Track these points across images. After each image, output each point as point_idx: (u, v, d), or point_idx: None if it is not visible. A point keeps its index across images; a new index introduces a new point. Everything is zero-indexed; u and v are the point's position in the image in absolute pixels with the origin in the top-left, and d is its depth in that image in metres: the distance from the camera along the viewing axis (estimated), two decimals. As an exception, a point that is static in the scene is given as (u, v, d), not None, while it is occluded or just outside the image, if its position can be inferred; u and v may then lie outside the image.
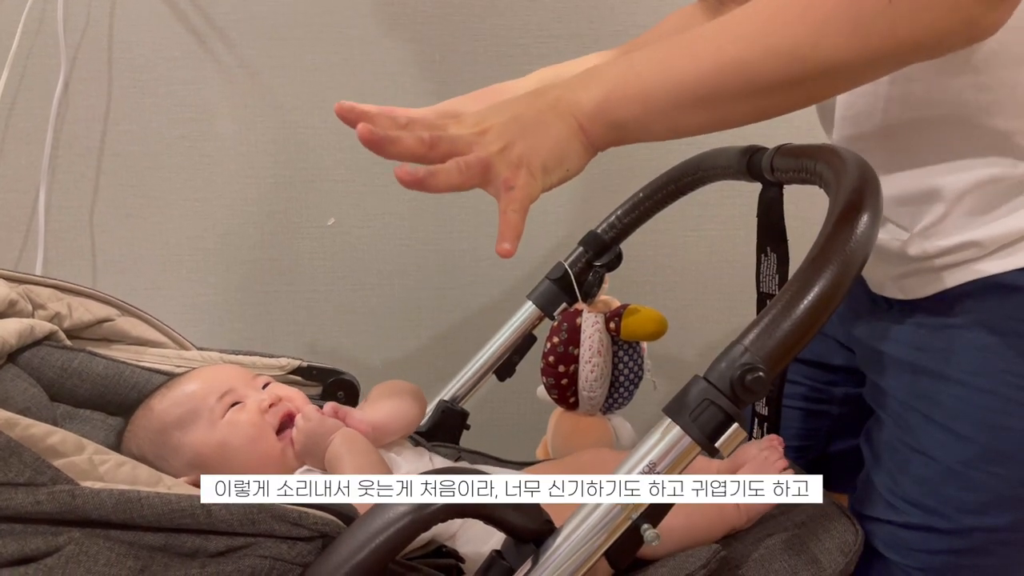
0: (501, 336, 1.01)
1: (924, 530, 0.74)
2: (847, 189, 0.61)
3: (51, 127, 1.30)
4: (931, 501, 0.73)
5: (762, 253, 0.82)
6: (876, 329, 0.80)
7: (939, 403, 0.73)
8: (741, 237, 1.29)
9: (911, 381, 0.76)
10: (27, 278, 0.86)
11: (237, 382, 0.80)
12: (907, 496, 0.75)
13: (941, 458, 0.73)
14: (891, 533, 0.76)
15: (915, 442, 0.75)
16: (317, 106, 1.32)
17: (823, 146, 0.72)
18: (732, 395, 0.56)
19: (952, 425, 0.72)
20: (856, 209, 0.59)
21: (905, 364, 0.76)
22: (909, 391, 0.76)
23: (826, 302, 0.57)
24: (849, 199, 0.60)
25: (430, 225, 1.36)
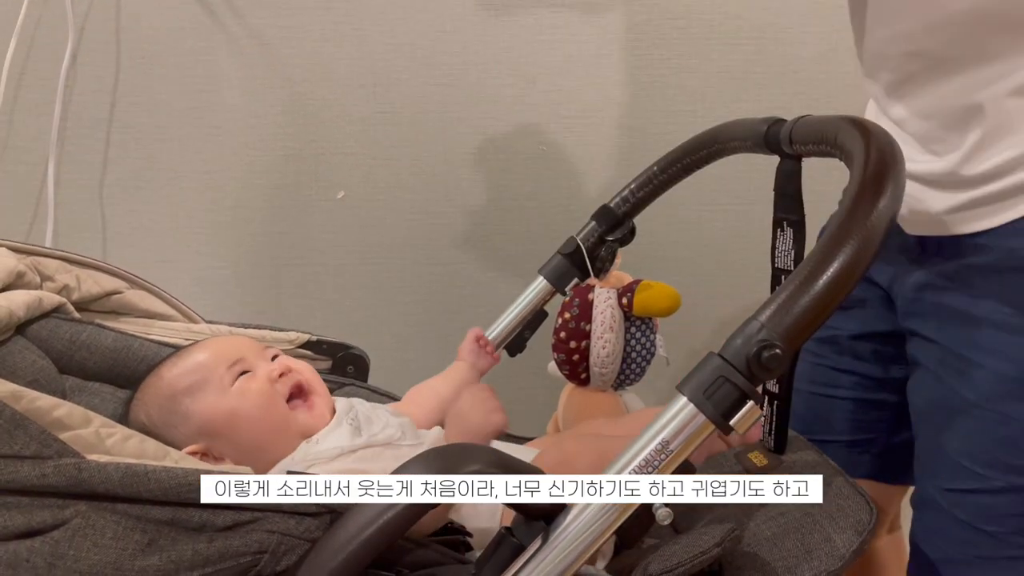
0: (512, 311, 1.00)
1: (1013, 492, 0.71)
2: (869, 162, 0.59)
3: (59, 99, 1.30)
4: (1017, 460, 0.70)
5: (778, 228, 0.80)
6: (920, 276, 0.76)
7: (1005, 354, 0.70)
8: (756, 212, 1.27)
9: (965, 331, 0.72)
10: (35, 250, 0.85)
11: (248, 352, 0.80)
12: (987, 459, 0.71)
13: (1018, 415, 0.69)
14: (979, 502, 0.73)
15: (986, 401, 0.71)
16: (326, 78, 1.30)
17: (844, 117, 0.69)
18: (748, 372, 0.55)
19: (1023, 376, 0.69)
20: (878, 182, 0.58)
21: (956, 312, 0.73)
22: (964, 342, 0.72)
23: (846, 278, 0.55)
24: (871, 172, 0.58)
25: (440, 199, 1.34)
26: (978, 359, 0.72)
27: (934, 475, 0.77)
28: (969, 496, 0.74)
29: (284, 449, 0.75)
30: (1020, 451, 0.70)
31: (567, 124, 1.32)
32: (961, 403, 0.74)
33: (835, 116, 0.71)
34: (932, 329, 0.76)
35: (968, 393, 0.73)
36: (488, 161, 1.32)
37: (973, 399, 0.72)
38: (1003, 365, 0.70)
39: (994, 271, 0.71)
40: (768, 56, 1.27)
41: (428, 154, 1.33)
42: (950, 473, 0.75)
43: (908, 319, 0.80)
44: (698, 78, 1.29)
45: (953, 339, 0.74)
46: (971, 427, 0.73)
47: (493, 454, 0.60)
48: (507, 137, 1.32)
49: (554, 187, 1.33)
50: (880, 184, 0.58)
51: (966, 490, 0.74)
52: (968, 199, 0.71)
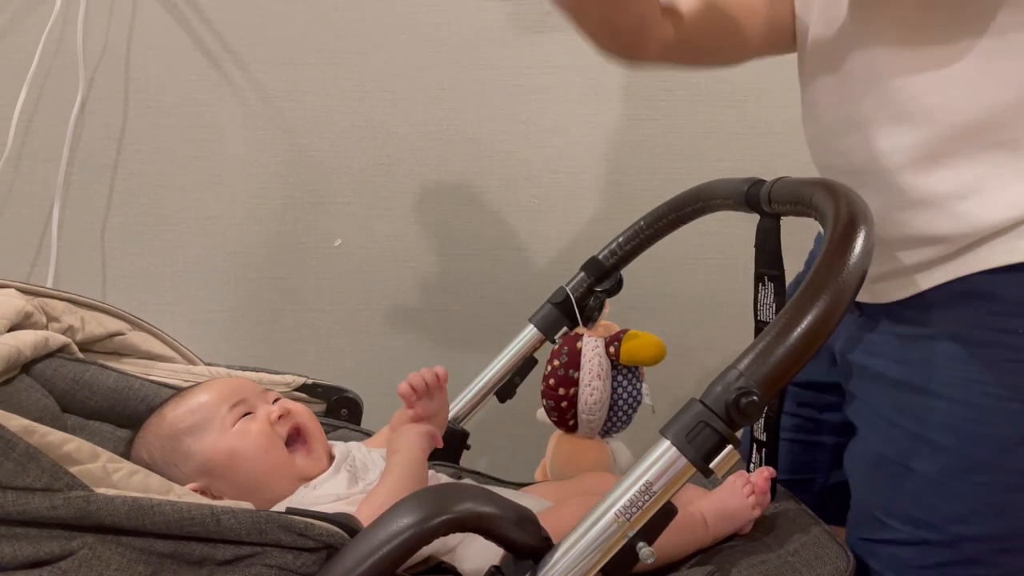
0: (503, 358, 1.03)
1: (917, 544, 0.75)
2: (840, 221, 0.64)
3: (67, 146, 1.33)
4: (919, 514, 0.74)
5: (759, 282, 0.84)
6: (854, 339, 0.82)
7: (917, 415, 0.74)
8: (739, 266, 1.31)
9: (889, 394, 0.77)
10: (42, 291, 0.88)
11: (249, 393, 0.82)
12: (896, 512, 0.76)
13: (923, 470, 0.74)
14: (886, 552, 0.77)
15: (898, 456, 0.76)
16: (326, 130, 1.35)
17: (819, 180, 0.74)
18: (727, 418, 0.58)
19: (931, 436, 0.73)
20: (849, 239, 0.62)
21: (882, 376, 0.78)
22: (888, 404, 0.77)
23: (819, 329, 0.59)
24: (841, 231, 0.62)
25: (434, 249, 1.38)
26: (892, 418, 0.77)
27: (855, 525, 0.81)
28: (879, 546, 0.78)
29: (282, 490, 0.77)
30: (923, 505, 0.74)
31: (558, 179, 1.36)
32: (876, 457, 0.78)
33: (811, 179, 0.75)
34: (861, 390, 0.81)
35: (886, 451, 0.77)
36: (481, 213, 1.36)
37: (891, 456, 0.77)
38: (912, 424, 0.75)
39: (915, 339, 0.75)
40: (751, 118, 1.33)
41: (423, 205, 1.36)
42: (865, 523, 0.79)
43: (842, 376, 0.85)
44: (684, 138, 1.34)
45: (874, 399, 0.79)
46: (883, 480, 0.78)
47: (484, 493, 0.62)
48: (500, 190, 1.36)
49: (545, 239, 1.37)
50: (850, 242, 0.62)
51: (877, 540, 0.78)
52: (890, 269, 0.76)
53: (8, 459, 0.54)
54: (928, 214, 0.71)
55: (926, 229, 0.71)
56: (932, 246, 0.72)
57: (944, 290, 0.72)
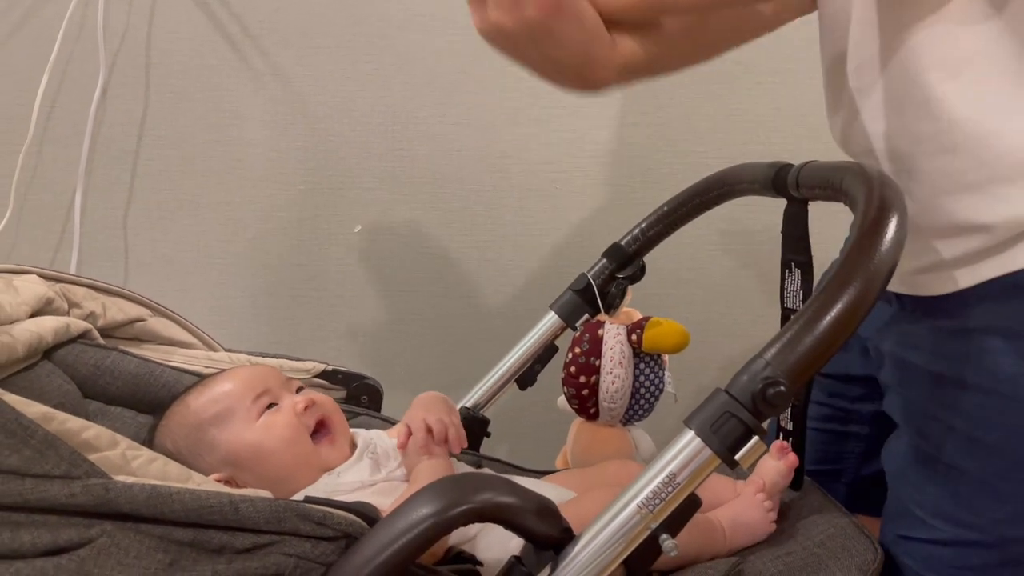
0: (523, 345, 1.02)
1: (959, 545, 0.72)
2: (872, 206, 0.62)
3: (89, 131, 1.34)
4: (963, 515, 0.72)
5: (786, 269, 0.82)
6: (893, 332, 0.79)
7: (962, 412, 0.72)
8: (765, 252, 1.29)
9: (930, 389, 0.74)
10: (64, 277, 0.88)
11: (273, 383, 0.81)
12: (938, 511, 0.74)
13: (968, 469, 0.71)
14: (925, 551, 0.75)
15: (940, 453, 0.73)
16: (347, 115, 1.34)
17: (849, 163, 0.72)
18: (753, 408, 0.57)
19: (978, 434, 0.71)
20: (880, 225, 0.60)
21: (922, 371, 0.75)
22: (929, 400, 0.75)
23: (849, 318, 0.57)
24: (873, 217, 0.60)
25: (455, 234, 1.37)
26: (934, 413, 0.74)
27: (892, 520, 0.79)
28: (918, 544, 0.76)
29: (306, 481, 0.77)
30: (968, 505, 0.72)
31: (580, 164, 1.34)
32: (917, 453, 0.76)
33: (841, 162, 0.73)
34: (900, 384, 0.79)
35: (928, 448, 0.75)
36: (503, 198, 1.35)
37: (933, 454, 0.74)
38: (956, 421, 0.72)
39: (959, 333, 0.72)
40: (777, 101, 1.30)
41: (444, 190, 1.36)
42: (903, 520, 0.77)
43: (881, 372, 0.82)
44: (708, 121, 1.32)
45: (919, 396, 0.76)
46: (924, 477, 0.75)
47: (504, 483, 0.61)
48: (522, 175, 1.35)
49: (566, 224, 1.35)
50: (882, 229, 0.60)
51: (916, 538, 0.76)
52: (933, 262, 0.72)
53: (27, 446, 0.54)
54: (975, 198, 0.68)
55: (973, 217, 0.68)
56: (979, 234, 0.68)
57: (992, 284, 0.69)
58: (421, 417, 0.80)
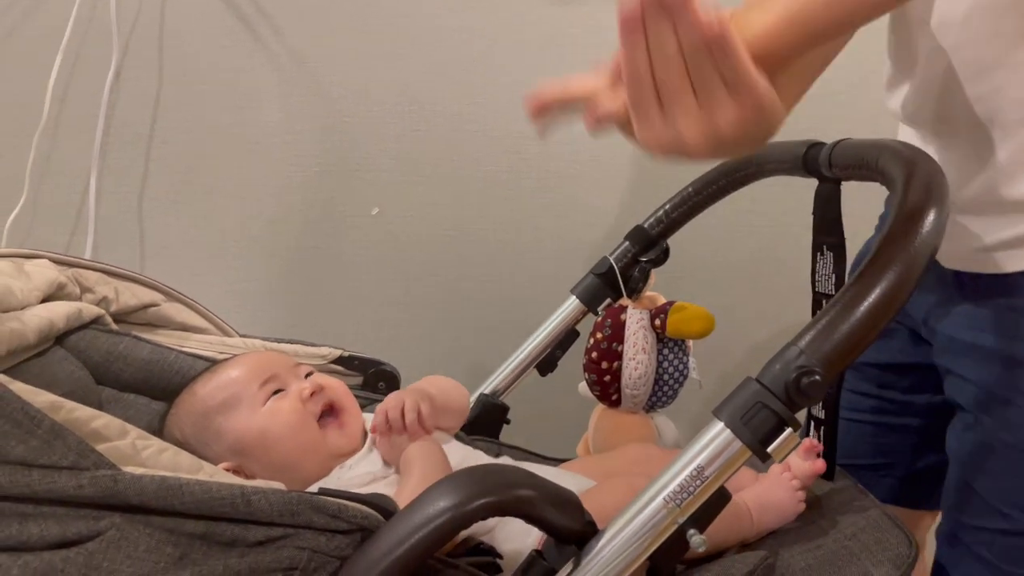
0: (544, 330, 1.00)
1: None
2: (912, 188, 0.59)
3: (102, 115, 1.32)
4: None
5: (818, 252, 0.80)
6: (957, 314, 0.74)
7: None
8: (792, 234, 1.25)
9: (1004, 372, 0.70)
10: (76, 261, 0.87)
11: (280, 369, 0.80)
12: (1019, 501, 0.70)
13: None
14: (1005, 542, 0.71)
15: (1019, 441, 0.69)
16: (363, 96, 1.31)
17: (886, 142, 0.69)
18: (786, 399, 0.54)
19: None
20: (920, 209, 0.57)
21: (994, 353, 0.71)
22: (1003, 383, 0.70)
23: (888, 303, 0.54)
24: (914, 198, 0.58)
25: (474, 217, 1.35)
26: (1010, 398, 0.70)
27: (960, 510, 0.76)
28: (994, 535, 0.72)
29: (315, 468, 0.75)
30: None
31: (601, 144, 1.31)
32: (996, 443, 0.72)
33: (877, 140, 0.70)
34: (968, 369, 0.74)
35: (1005, 434, 0.71)
36: (522, 180, 1.32)
37: (1010, 441, 0.71)
38: None
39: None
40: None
41: (462, 172, 1.33)
42: (977, 510, 0.74)
43: (943, 356, 0.78)
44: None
45: (991, 380, 0.72)
46: (1005, 468, 0.71)
47: (525, 475, 0.59)
48: (541, 157, 1.32)
49: (588, 206, 1.33)
50: (923, 210, 0.57)
51: (991, 529, 0.72)
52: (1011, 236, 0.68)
53: (33, 436, 0.52)
54: None
55: None
56: None
57: None
58: (381, 409, 0.78)
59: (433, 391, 0.82)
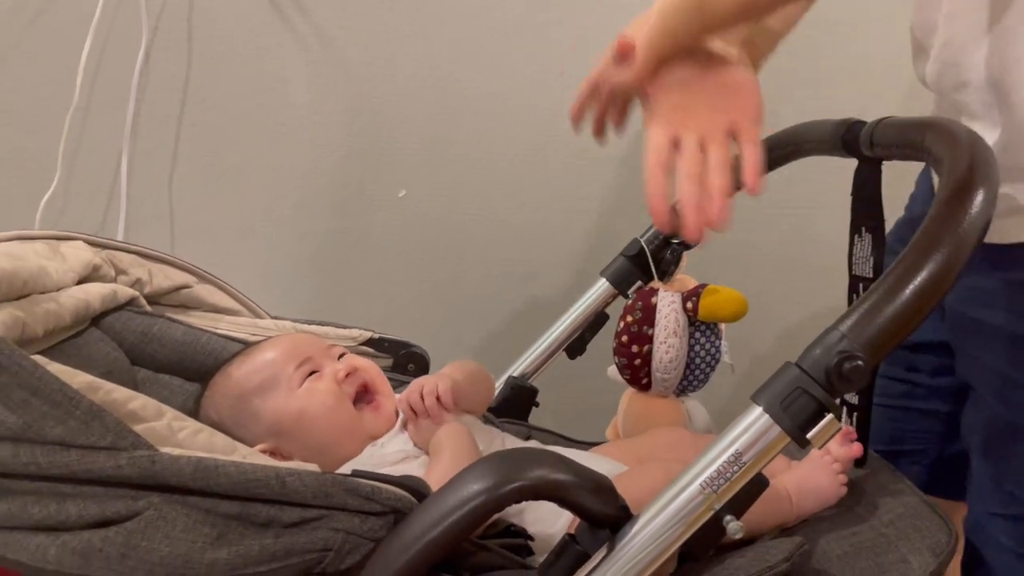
0: (573, 313, 1.00)
1: None
2: (960, 166, 0.57)
3: (132, 96, 1.33)
4: None
5: (856, 234, 0.78)
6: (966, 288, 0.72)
7: None
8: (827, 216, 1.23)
9: (1013, 352, 0.69)
10: (110, 244, 0.87)
11: (315, 351, 0.80)
12: None
13: None
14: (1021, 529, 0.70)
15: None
16: (390, 76, 1.31)
17: (931, 119, 0.67)
18: (827, 384, 0.53)
19: None
20: (970, 186, 0.55)
21: (1002, 331, 0.69)
22: (1012, 364, 0.69)
23: (935, 286, 0.53)
24: (962, 177, 0.56)
25: (503, 198, 1.34)
26: (1018, 379, 0.69)
27: (981, 499, 0.74)
28: (1010, 522, 0.71)
29: (351, 449, 0.76)
30: None
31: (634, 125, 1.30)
32: (1006, 427, 0.71)
33: (922, 118, 0.68)
34: (977, 347, 0.73)
35: (1010, 415, 0.70)
36: (552, 161, 1.31)
37: (1016, 421, 0.69)
38: None
39: None
40: (842, 56, 1.23)
41: (491, 153, 1.32)
42: (995, 498, 0.72)
43: (953, 334, 0.77)
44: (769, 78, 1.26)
45: (998, 359, 0.71)
46: (1013, 450, 0.70)
47: (558, 459, 0.59)
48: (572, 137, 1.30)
49: (619, 188, 1.31)
50: (972, 190, 0.55)
51: (1006, 515, 0.71)
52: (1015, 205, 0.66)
53: (72, 417, 0.53)
54: None
55: None
56: None
57: None
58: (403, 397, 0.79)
59: (458, 375, 0.82)
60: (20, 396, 0.52)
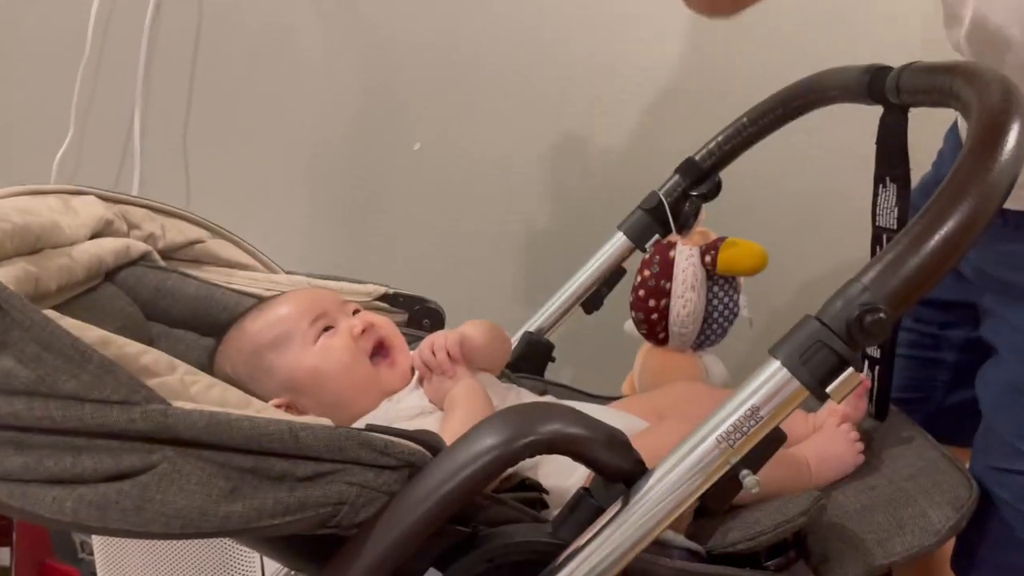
0: (589, 268, 0.98)
1: None
2: (989, 111, 0.55)
3: (143, 50, 1.31)
4: None
5: (880, 183, 0.76)
6: (998, 252, 0.72)
7: None
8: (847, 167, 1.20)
9: None
10: (122, 198, 0.86)
11: (329, 306, 0.80)
12: None
13: None
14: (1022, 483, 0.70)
15: None
16: (405, 28, 1.28)
17: (961, 64, 0.64)
18: (848, 337, 0.52)
19: None
20: (1000, 133, 0.53)
21: None
22: None
23: (960, 237, 0.52)
24: (992, 122, 0.54)
25: (518, 150, 1.32)
26: None
27: (985, 452, 0.74)
28: (1014, 476, 0.71)
29: (366, 404, 0.76)
30: None
31: (650, 75, 1.27)
32: (1019, 382, 0.70)
33: (950, 62, 0.66)
34: (1001, 306, 0.73)
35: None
36: (568, 111, 1.29)
37: None
38: None
39: None
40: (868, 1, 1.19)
41: (506, 105, 1.30)
42: (999, 451, 0.72)
43: (979, 295, 0.76)
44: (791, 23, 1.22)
45: (1018, 319, 0.70)
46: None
47: (573, 413, 0.58)
48: (587, 87, 1.28)
49: (636, 139, 1.29)
50: (1001, 136, 0.53)
51: (1011, 470, 0.71)
52: None
53: (84, 371, 0.52)
54: None
55: None
56: None
57: None
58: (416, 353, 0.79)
59: (472, 332, 0.81)
60: (33, 351, 0.52)
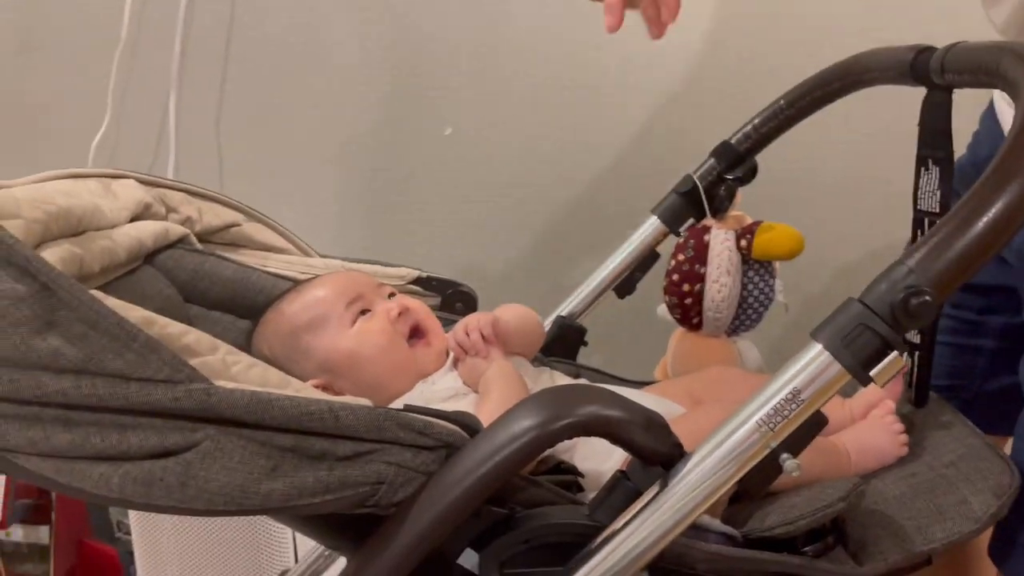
0: (623, 252, 0.98)
1: None
2: (1040, 91, 0.53)
3: (179, 34, 1.32)
4: None
5: (922, 166, 0.75)
6: None
7: None
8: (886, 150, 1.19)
9: None
10: (160, 182, 0.87)
11: (365, 289, 0.80)
12: None
13: None
14: None
15: None
16: (434, 11, 1.28)
17: (1007, 44, 0.63)
18: (892, 320, 0.51)
19: None
20: (1051, 114, 0.52)
21: None
22: None
23: (1008, 220, 0.51)
24: (1044, 102, 0.52)
25: (549, 135, 1.31)
26: None
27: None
28: None
29: (402, 386, 0.76)
30: None
31: (684, 57, 1.25)
32: None
33: (996, 42, 0.65)
34: None
35: None
36: (601, 96, 1.28)
37: None
38: None
39: None
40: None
41: (537, 90, 1.29)
42: None
43: (1021, 279, 0.75)
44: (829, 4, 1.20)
45: None
46: None
47: (610, 395, 0.58)
48: (621, 72, 1.27)
49: (670, 121, 1.28)
50: (1053, 117, 0.52)
51: None
52: None
53: (129, 350, 0.53)
54: None
55: None
56: None
57: None
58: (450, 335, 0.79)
59: (505, 315, 0.81)
60: (80, 330, 0.53)
